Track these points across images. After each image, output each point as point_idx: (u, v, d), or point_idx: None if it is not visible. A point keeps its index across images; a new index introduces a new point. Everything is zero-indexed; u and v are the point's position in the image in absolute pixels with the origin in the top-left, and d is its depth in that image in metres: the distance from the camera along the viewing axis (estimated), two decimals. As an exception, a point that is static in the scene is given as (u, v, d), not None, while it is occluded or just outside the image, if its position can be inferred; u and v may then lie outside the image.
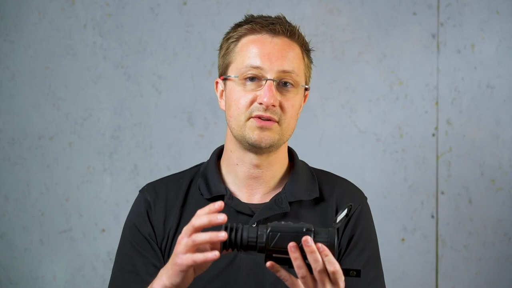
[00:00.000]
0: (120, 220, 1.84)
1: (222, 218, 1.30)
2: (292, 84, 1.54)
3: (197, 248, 1.32)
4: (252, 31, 1.55)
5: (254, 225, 1.43)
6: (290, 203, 1.57)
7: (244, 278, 1.53)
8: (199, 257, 1.30)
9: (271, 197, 1.58)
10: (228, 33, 1.60)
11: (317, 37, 2.59)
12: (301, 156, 1.68)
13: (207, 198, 1.58)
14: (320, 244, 1.28)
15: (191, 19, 2.63)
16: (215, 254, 1.29)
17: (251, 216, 1.56)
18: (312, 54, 1.64)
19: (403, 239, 2.59)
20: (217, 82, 1.63)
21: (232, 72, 1.56)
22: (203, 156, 1.72)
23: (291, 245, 1.28)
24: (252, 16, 1.60)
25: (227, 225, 1.32)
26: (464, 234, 2.58)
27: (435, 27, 2.60)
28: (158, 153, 2.61)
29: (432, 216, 2.58)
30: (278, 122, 1.53)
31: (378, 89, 2.60)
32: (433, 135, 2.60)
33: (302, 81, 1.57)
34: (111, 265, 1.64)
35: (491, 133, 2.58)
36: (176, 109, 2.62)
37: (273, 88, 1.52)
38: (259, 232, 1.31)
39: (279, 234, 1.30)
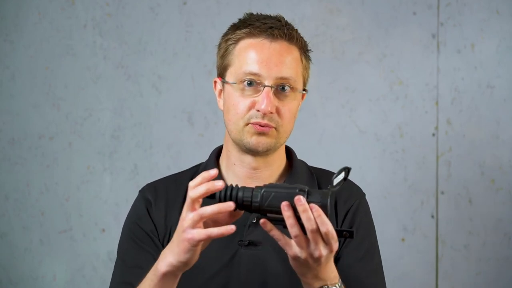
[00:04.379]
0: (120, 220, 1.83)
1: (220, 184, 1.29)
2: (290, 88, 1.55)
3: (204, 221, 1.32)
4: (250, 34, 1.55)
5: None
6: None
7: (246, 274, 1.53)
8: (214, 232, 1.29)
9: None
10: (226, 33, 1.59)
11: (317, 37, 2.59)
12: (300, 156, 1.68)
13: None
14: (312, 204, 1.28)
15: (191, 19, 2.63)
16: (231, 228, 1.28)
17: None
18: (312, 54, 1.63)
19: (403, 239, 2.59)
20: (215, 81, 1.63)
21: (230, 76, 1.56)
22: (203, 156, 1.72)
23: (284, 203, 1.29)
24: (251, 15, 1.59)
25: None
26: (464, 234, 2.58)
27: (435, 27, 2.60)
28: (158, 153, 2.61)
29: (432, 216, 2.58)
30: (275, 128, 1.54)
31: (378, 89, 2.60)
32: (433, 135, 2.59)
33: (300, 85, 1.57)
34: (111, 265, 1.63)
35: (491, 133, 2.58)
36: (176, 109, 2.62)
37: (271, 95, 1.52)
38: (254, 192, 1.32)
39: (273, 193, 1.31)
